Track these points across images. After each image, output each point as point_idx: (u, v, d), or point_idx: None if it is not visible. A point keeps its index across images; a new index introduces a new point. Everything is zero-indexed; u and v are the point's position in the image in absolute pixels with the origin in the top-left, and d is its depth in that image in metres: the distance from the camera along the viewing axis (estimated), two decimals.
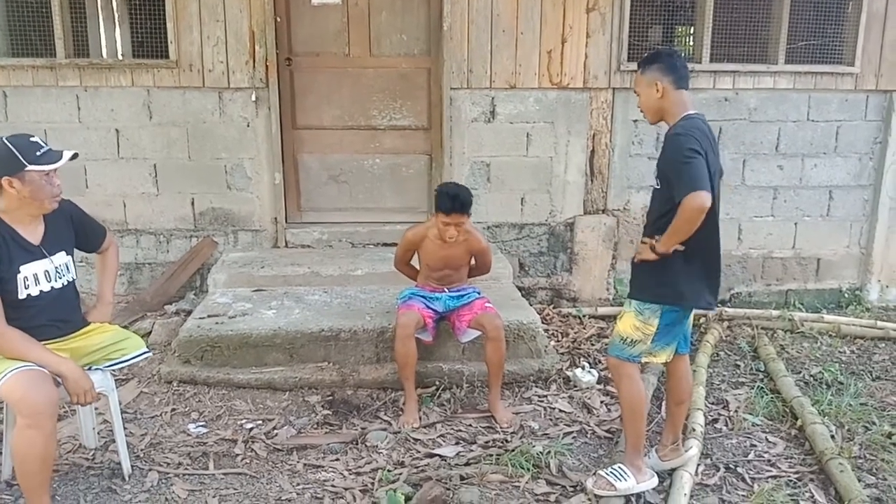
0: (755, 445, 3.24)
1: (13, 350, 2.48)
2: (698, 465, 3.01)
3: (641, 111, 2.81)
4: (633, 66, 4.88)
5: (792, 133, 5.17)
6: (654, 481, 2.82)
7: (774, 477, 2.98)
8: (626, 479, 2.76)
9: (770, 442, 3.27)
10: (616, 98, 4.96)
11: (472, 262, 3.69)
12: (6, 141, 2.51)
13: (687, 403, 3.03)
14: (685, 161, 2.49)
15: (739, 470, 3.02)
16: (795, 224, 5.32)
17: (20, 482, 2.50)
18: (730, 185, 5.20)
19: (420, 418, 3.40)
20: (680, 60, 2.71)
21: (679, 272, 2.63)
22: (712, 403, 3.63)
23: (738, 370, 4.09)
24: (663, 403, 3.47)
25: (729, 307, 5.00)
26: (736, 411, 3.53)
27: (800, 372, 4.02)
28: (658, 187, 2.69)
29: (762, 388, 3.77)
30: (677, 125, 2.63)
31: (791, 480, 2.95)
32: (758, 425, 3.42)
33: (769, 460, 3.11)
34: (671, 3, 5.29)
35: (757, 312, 4.87)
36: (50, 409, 2.43)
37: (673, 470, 2.92)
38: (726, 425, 3.42)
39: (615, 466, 2.82)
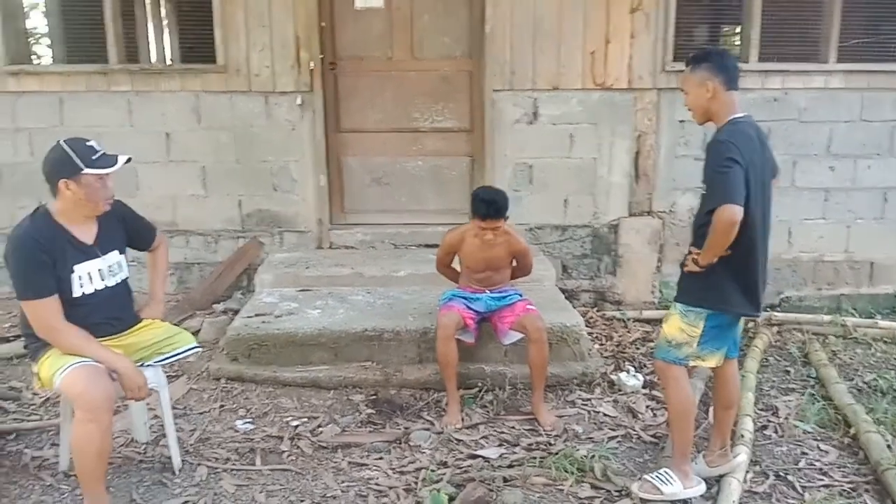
0: (806, 453, 3.16)
1: (71, 346, 2.56)
2: (747, 472, 2.95)
3: (689, 110, 2.76)
4: (679, 66, 4.81)
5: (844, 133, 5.04)
6: (702, 488, 2.77)
7: (827, 486, 2.90)
8: (671, 484, 2.72)
9: (822, 450, 3.18)
10: (662, 98, 4.90)
11: (514, 263, 3.68)
12: (64, 144, 2.59)
13: (735, 409, 2.97)
14: (721, 171, 2.45)
15: (790, 478, 2.95)
16: (848, 227, 5.18)
17: (78, 474, 2.56)
18: (779, 187, 5.06)
19: (462, 419, 3.40)
20: (731, 60, 2.66)
21: (724, 277, 2.59)
22: (761, 409, 3.55)
23: (788, 376, 3.99)
24: (711, 409, 3.41)
25: (778, 312, 4.89)
26: (786, 418, 3.45)
27: (853, 379, 3.91)
28: (705, 193, 2.64)
29: (813, 394, 3.68)
30: (721, 131, 2.59)
31: (844, 490, 2.87)
32: (809, 433, 3.33)
33: (821, 469, 3.03)
34: (718, 2, 5.21)
35: (808, 317, 4.76)
36: (107, 403, 2.50)
37: (721, 476, 2.87)
38: (776, 432, 3.35)
39: (661, 471, 2.78)
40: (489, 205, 3.34)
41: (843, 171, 5.09)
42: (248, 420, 3.41)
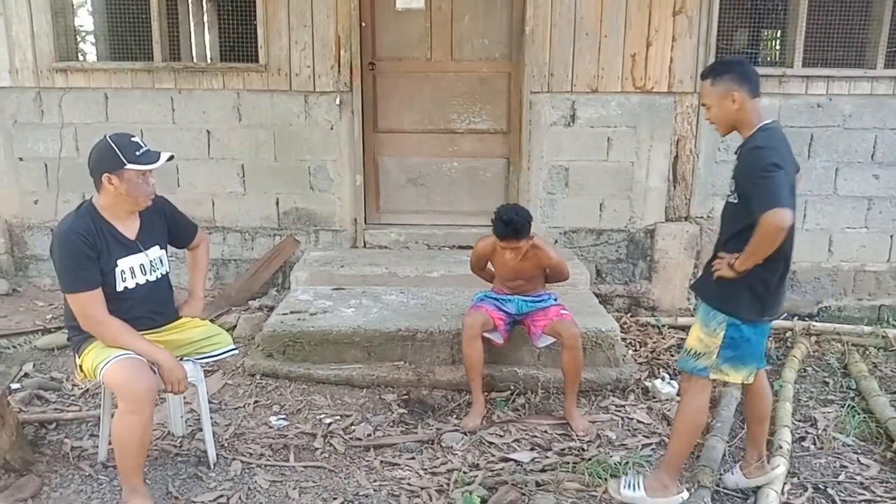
0: (846, 466, 3.09)
1: (114, 339, 2.61)
2: (785, 483, 2.89)
3: (711, 123, 2.65)
4: None
5: (890, 141, 4.92)
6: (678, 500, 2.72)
7: (868, 501, 2.83)
8: (636, 490, 2.71)
9: (862, 464, 3.11)
10: None
11: (547, 271, 3.65)
12: (109, 139, 2.63)
13: (767, 420, 2.90)
14: (766, 176, 2.37)
15: (829, 491, 2.89)
16: (891, 236, 5.06)
17: (119, 464, 2.61)
18: (821, 195, 4.99)
19: (482, 423, 3.37)
20: (752, 67, 2.57)
21: (749, 285, 2.51)
22: (800, 421, 3.49)
23: (826, 387, 3.91)
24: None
25: (817, 321, 4.79)
26: (825, 430, 3.38)
27: (895, 392, 3.82)
28: (735, 202, 2.55)
29: (853, 406, 3.60)
30: (756, 137, 2.51)
31: None
32: (849, 446, 3.26)
33: (862, 483, 2.96)
34: (761, 5, 5.13)
35: (847, 328, 4.65)
36: (150, 395, 2.54)
37: (758, 487, 2.82)
38: (814, 444, 3.28)
39: (637, 477, 2.76)
40: (506, 225, 3.27)
41: (887, 180, 4.97)
42: (282, 416, 3.45)
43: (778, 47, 5.83)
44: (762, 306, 2.55)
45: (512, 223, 3.27)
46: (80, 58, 5.71)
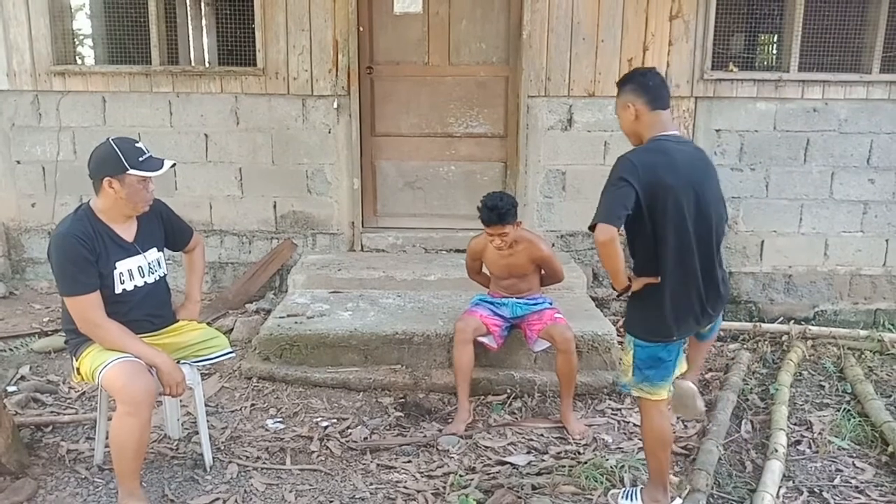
0: (841, 470, 3.10)
1: (113, 341, 2.61)
2: (780, 487, 2.90)
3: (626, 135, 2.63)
4: (718, 74, 4.80)
5: (885, 145, 4.94)
6: None
7: None
8: (633, 501, 2.71)
9: (858, 468, 3.12)
10: (698, 107, 4.86)
11: (542, 271, 3.66)
12: (113, 143, 2.63)
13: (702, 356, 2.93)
14: (605, 189, 2.41)
15: (825, 495, 2.89)
16: (887, 241, 5.08)
17: (116, 466, 2.62)
18: (817, 199, 5.01)
19: (465, 430, 3.35)
20: (655, 79, 2.54)
21: (640, 305, 2.53)
22: (795, 424, 3.49)
23: (822, 391, 3.92)
24: (743, 423, 3.39)
25: (813, 325, 4.80)
26: (820, 433, 3.38)
27: (890, 395, 3.82)
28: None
29: (849, 410, 3.61)
30: (633, 149, 2.52)
31: None
32: (844, 449, 3.27)
33: (857, 487, 2.97)
34: (758, 10, 5.15)
35: (843, 332, 4.66)
36: (149, 398, 2.55)
37: (753, 491, 2.83)
38: (810, 448, 3.29)
39: (636, 488, 2.76)
40: (490, 210, 3.32)
41: (883, 184, 4.99)
42: (278, 419, 3.45)
43: (774, 52, 5.85)
44: (659, 327, 2.49)
45: (496, 208, 3.31)
46: (78, 61, 5.72)
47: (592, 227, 2.41)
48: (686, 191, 2.40)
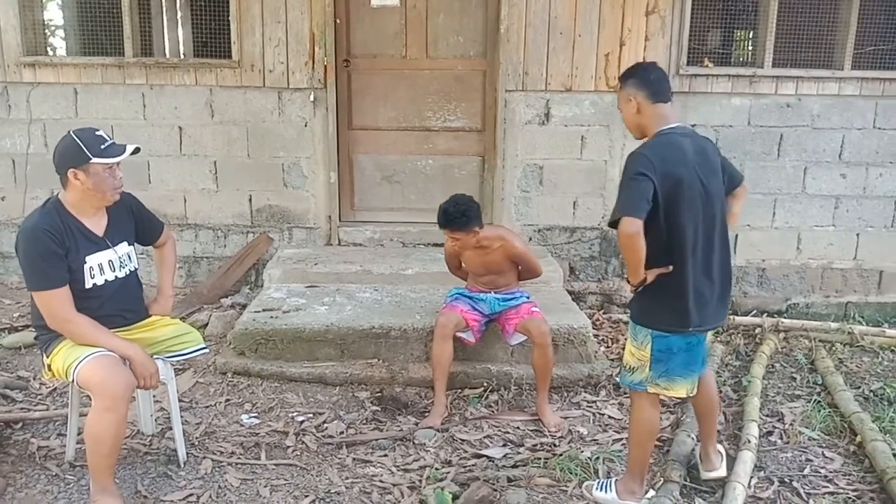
0: (811, 460, 3.15)
1: (84, 336, 2.58)
2: (751, 477, 2.94)
3: (628, 129, 2.69)
4: (694, 70, 4.83)
5: (857, 141, 5.02)
6: None
7: (832, 493, 2.89)
8: (608, 492, 2.74)
9: (827, 457, 3.17)
10: (675, 102, 4.88)
11: (520, 266, 3.67)
12: (73, 134, 2.60)
13: (714, 413, 2.92)
14: (624, 183, 2.43)
15: (795, 484, 2.94)
16: (857, 235, 5.16)
17: (90, 462, 2.57)
18: (790, 194, 5.07)
19: (441, 423, 3.36)
20: (656, 73, 2.59)
21: (656, 296, 2.52)
22: (767, 415, 3.54)
23: (794, 383, 3.98)
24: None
25: (786, 318, 4.87)
26: (791, 424, 3.43)
27: (859, 387, 3.90)
28: None
29: (819, 401, 3.67)
30: (646, 142, 2.54)
31: (850, 498, 2.86)
32: (814, 440, 3.32)
33: (826, 476, 3.02)
34: (733, 6, 5.19)
35: (815, 324, 4.74)
36: (127, 392, 2.53)
37: (726, 481, 2.87)
38: (781, 438, 3.33)
39: (610, 480, 2.79)
40: (440, 215, 3.36)
41: (854, 179, 5.07)
42: (253, 414, 3.43)
43: (750, 48, 5.90)
44: (681, 317, 2.51)
45: (446, 213, 3.34)
46: (50, 52, 5.62)
47: (614, 223, 2.42)
48: (697, 181, 2.46)
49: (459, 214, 3.33)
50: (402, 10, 4.90)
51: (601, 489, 2.76)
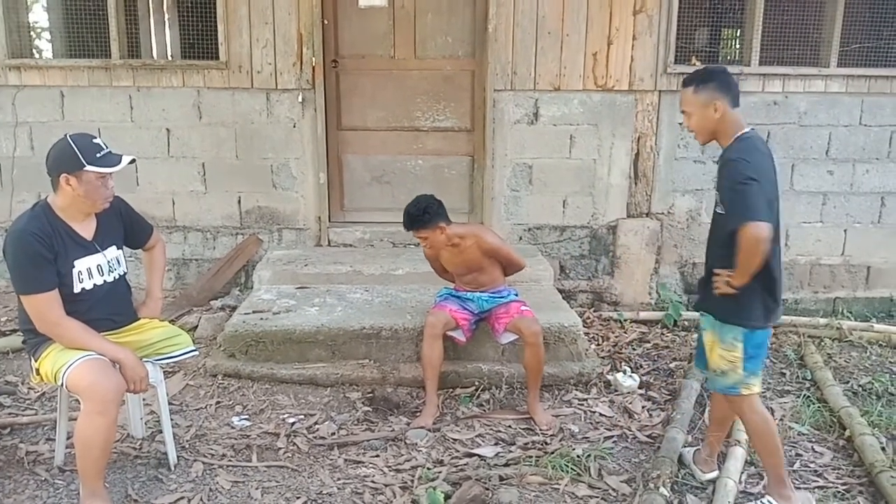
0: (801, 455, 3.17)
1: (73, 339, 2.56)
2: (742, 472, 2.96)
3: (691, 131, 2.67)
4: (681, 68, 4.85)
5: (843, 138, 5.05)
6: None
7: (821, 488, 2.91)
8: None
9: (816, 452, 3.20)
10: (662, 100, 4.91)
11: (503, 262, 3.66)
12: (70, 139, 2.57)
13: (728, 425, 2.98)
14: (740, 189, 2.40)
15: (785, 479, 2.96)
16: (845, 231, 5.19)
17: (80, 466, 2.56)
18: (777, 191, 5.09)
19: (434, 423, 3.36)
20: (734, 77, 2.61)
21: (755, 293, 2.53)
22: None
23: (783, 378, 4.01)
24: (706, 411, 3.43)
25: None
26: (781, 419, 3.45)
27: (848, 382, 3.92)
28: (722, 213, 2.57)
29: (809, 397, 3.69)
30: (733, 148, 2.54)
31: (839, 492, 2.89)
32: (804, 434, 3.35)
33: (815, 470, 3.05)
34: (720, 5, 5.23)
35: (803, 320, 4.77)
36: (117, 396, 2.52)
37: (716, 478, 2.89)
38: None
39: (764, 500, 2.71)
40: (404, 218, 3.36)
41: (841, 176, 5.10)
42: (244, 417, 3.42)
43: (737, 46, 5.94)
44: (770, 311, 2.58)
45: (408, 214, 3.35)
46: (35, 55, 5.59)
47: (737, 230, 2.40)
48: (775, 184, 2.51)
49: (420, 212, 3.33)
50: (390, 10, 4.89)
51: None
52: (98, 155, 2.57)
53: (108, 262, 2.76)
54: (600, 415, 3.51)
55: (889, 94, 4.98)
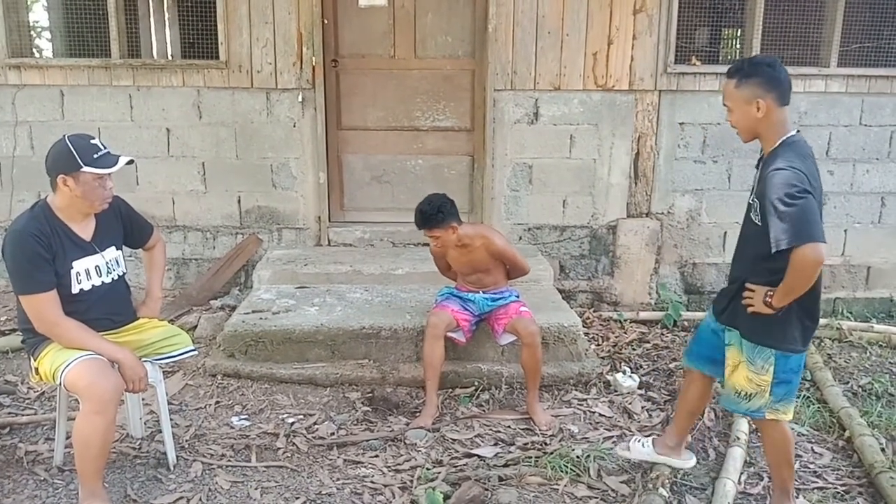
0: (801, 456, 3.16)
1: (72, 339, 2.56)
2: (742, 473, 2.96)
3: (734, 127, 2.44)
4: (681, 68, 4.84)
5: (843, 138, 5.05)
6: None
7: (821, 489, 2.91)
8: None
9: (816, 453, 3.20)
10: (662, 100, 4.91)
11: (507, 265, 3.67)
12: (67, 140, 2.57)
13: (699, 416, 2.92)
14: (794, 204, 2.13)
15: None
16: (845, 231, 5.19)
17: (79, 466, 2.56)
18: None
19: (433, 423, 3.36)
20: (784, 71, 2.32)
21: (794, 313, 2.32)
22: None
23: None
24: (706, 411, 3.43)
25: None
26: None
27: (847, 382, 3.92)
28: (759, 224, 2.31)
29: (808, 397, 3.68)
30: (779, 154, 2.27)
31: (838, 493, 2.88)
32: (804, 435, 3.34)
33: (815, 471, 3.04)
34: (720, 5, 5.22)
35: None
36: (116, 396, 2.51)
37: (715, 477, 2.88)
38: None
39: None
40: (417, 216, 3.37)
41: (841, 176, 5.10)
42: (243, 416, 3.42)
43: (737, 46, 5.93)
44: (809, 333, 2.40)
45: (421, 213, 3.36)
46: (36, 54, 5.59)
47: (791, 248, 2.16)
48: (820, 196, 2.29)
49: (435, 211, 3.34)
50: (390, 9, 4.89)
51: None
52: (95, 156, 2.57)
53: (107, 262, 2.76)
54: (600, 415, 3.51)
55: (889, 94, 4.98)
